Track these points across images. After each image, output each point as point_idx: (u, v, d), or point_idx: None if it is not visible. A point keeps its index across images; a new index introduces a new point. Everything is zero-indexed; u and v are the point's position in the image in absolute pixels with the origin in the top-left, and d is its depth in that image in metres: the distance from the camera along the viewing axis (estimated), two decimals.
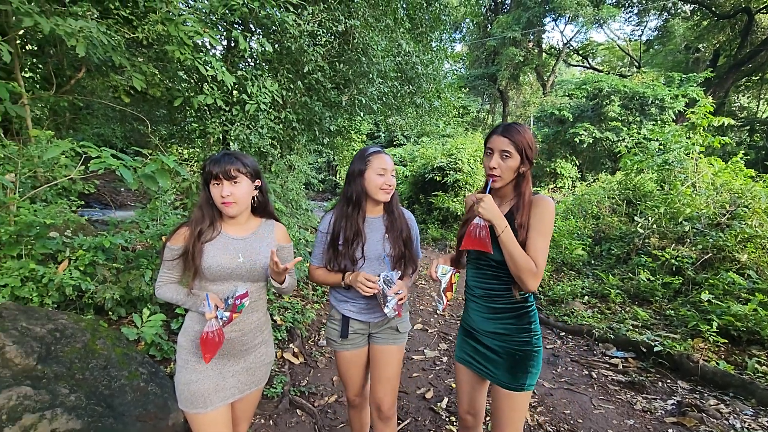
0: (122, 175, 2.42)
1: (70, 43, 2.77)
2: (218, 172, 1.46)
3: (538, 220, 1.53)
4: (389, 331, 1.91)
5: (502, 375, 1.61)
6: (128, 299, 2.94)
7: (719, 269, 4.81)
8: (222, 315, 1.43)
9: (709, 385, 3.26)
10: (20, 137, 3.25)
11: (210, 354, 1.43)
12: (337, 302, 1.92)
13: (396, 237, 1.83)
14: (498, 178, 1.57)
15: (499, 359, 1.63)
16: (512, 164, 1.55)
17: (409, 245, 1.88)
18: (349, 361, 1.92)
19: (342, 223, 1.79)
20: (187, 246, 1.50)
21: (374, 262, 1.81)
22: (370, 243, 1.81)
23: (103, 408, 1.97)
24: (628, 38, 22.95)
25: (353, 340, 1.89)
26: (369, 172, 1.76)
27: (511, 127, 1.56)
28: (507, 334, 1.62)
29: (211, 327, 1.43)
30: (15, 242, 2.55)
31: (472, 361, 1.73)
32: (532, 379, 1.61)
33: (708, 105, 6.69)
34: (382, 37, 5.38)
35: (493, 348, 1.65)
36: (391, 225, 1.84)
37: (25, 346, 1.94)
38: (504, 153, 1.54)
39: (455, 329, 4.57)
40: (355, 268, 1.79)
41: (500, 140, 1.55)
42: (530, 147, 1.56)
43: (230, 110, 4.44)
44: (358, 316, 1.87)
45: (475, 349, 1.72)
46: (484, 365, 1.68)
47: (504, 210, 1.63)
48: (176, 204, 4.00)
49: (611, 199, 8.00)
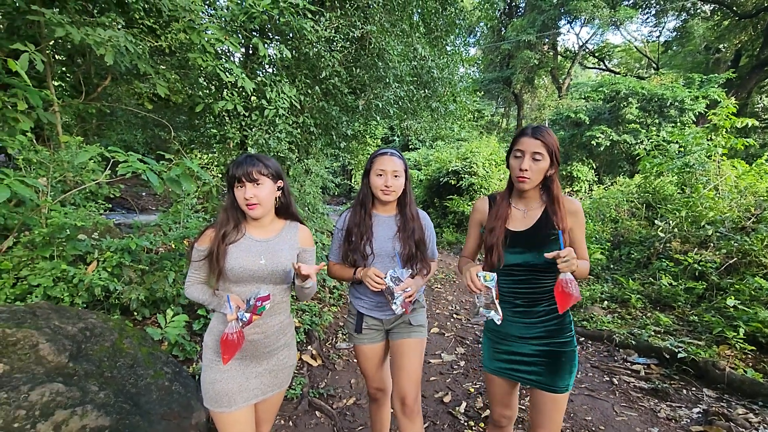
0: (149, 178, 2.49)
1: (99, 51, 2.87)
2: (241, 174, 1.50)
3: (580, 224, 1.60)
4: (403, 326, 1.95)
5: (546, 379, 1.60)
6: (152, 300, 3.01)
7: (745, 274, 4.67)
8: (242, 316, 1.44)
9: (736, 394, 3.17)
10: (51, 143, 3.37)
11: (229, 355, 1.45)
12: (353, 298, 2.01)
13: (407, 237, 1.86)
14: (528, 180, 1.56)
15: (543, 363, 1.61)
16: (543, 166, 1.55)
17: (422, 246, 1.90)
18: (365, 354, 2.01)
19: (352, 221, 1.90)
20: (212, 247, 1.53)
21: (385, 258, 1.87)
22: (380, 240, 1.87)
23: (130, 406, 2.02)
24: (646, 39, 22.58)
25: (369, 335, 1.97)
26: (372, 173, 1.84)
27: (541, 129, 1.55)
28: (550, 337, 1.61)
29: (232, 328, 1.45)
30: (47, 244, 2.65)
31: (510, 371, 1.70)
32: (573, 378, 1.61)
33: (730, 106, 6.54)
34: (397, 41, 5.41)
35: (534, 353, 1.63)
36: (404, 225, 1.88)
37: (58, 344, 2.01)
38: (536, 155, 1.53)
39: (472, 333, 4.54)
40: (366, 263, 1.86)
41: (532, 142, 1.54)
42: (558, 148, 1.56)
43: (249, 115, 4.53)
44: (370, 312, 1.95)
45: (511, 359, 1.69)
46: (525, 372, 1.65)
47: (537, 212, 1.63)
48: (197, 207, 4.08)
49: (630, 203, 7.86)
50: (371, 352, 2.00)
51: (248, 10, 3.82)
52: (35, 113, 2.95)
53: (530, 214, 1.65)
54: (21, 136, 2.80)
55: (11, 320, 2.00)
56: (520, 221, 1.66)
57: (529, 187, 1.58)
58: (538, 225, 1.62)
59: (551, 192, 1.60)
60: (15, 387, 1.72)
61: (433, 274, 2.01)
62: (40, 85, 3.22)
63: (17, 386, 1.73)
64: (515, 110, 23.93)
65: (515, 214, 1.69)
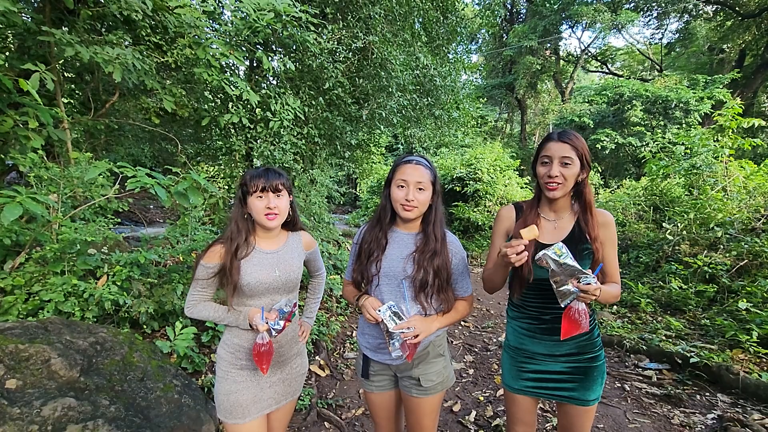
0: (156, 193, 2.52)
1: (108, 69, 2.93)
2: (266, 185, 1.50)
3: (611, 239, 1.53)
4: (411, 381, 1.61)
5: (579, 393, 1.56)
6: (161, 313, 3.04)
7: (756, 276, 4.61)
8: (276, 325, 1.47)
9: (751, 399, 3.11)
10: (61, 159, 3.44)
11: (266, 365, 1.48)
12: (359, 335, 1.73)
13: (425, 259, 1.52)
14: (559, 186, 1.46)
15: (575, 380, 1.56)
16: (574, 171, 1.46)
17: (442, 275, 1.54)
18: (374, 403, 1.74)
19: (367, 236, 1.65)
20: (224, 263, 1.52)
21: (392, 281, 1.57)
22: (390, 259, 1.58)
23: (141, 419, 2.03)
24: (648, 42, 22.52)
25: (377, 381, 1.69)
26: (393, 183, 1.56)
27: (568, 132, 1.48)
28: (581, 353, 1.56)
29: (263, 339, 1.46)
30: (58, 259, 2.69)
31: (537, 390, 1.61)
32: (602, 387, 1.59)
33: (736, 106, 6.50)
34: (400, 51, 5.46)
35: (566, 370, 1.57)
36: (424, 245, 1.56)
37: (69, 359, 2.03)
38: (565, 160, 1.44)
39: (480, 341, 4.51)
40: (371, 287, 1.61)
41: (560, 146, 1.45)
42: (588, 151, 1.49)
43: (254, 128, 4.58)
44: (373, 355, 1.65)
45: (539, 378, 1.61)
46: (554, 389, 1.59)
47: (569, 223, 1.55)
48: (205, 220, 4.12)
49: (637, 206, 7.81)
50: (381, 401, 1.72)
51: (252, 25, 3.89)
52: (46, 131, 3.01)
53: (561, 225, 1.56)
54: (32, 153, 2.86)
55: (24, 336, 2.03)
56: (551, 233, 1.56)
57: (561, 194, 1.48)
58: (570, 238, 1.52)
59: (583, 198, 1.51)
60: (28, 402, 1.74)
61: (464, 315, 1.65)
62: (50, 103, 3.29)
63: (30, 401, 1.75)
64: (519, 116, 23.93)
65: (545, 226, 1.58)
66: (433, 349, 1.62)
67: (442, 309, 1.60)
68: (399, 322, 1.45)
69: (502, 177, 10.79)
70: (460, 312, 1.63)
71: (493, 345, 4.37)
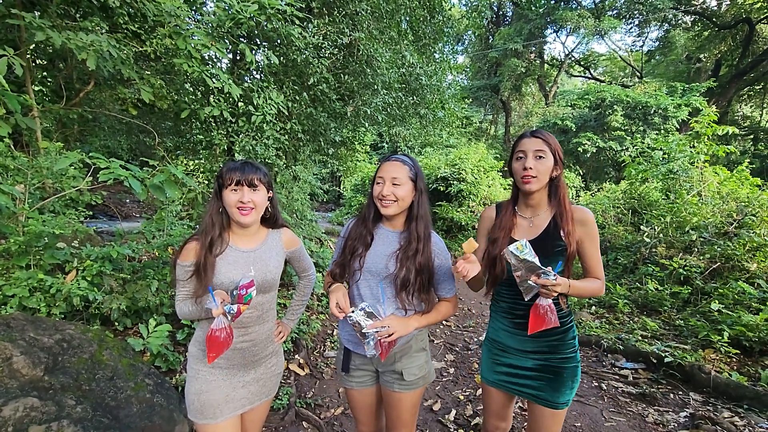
0: (131, 185, 2.43)
1: (81, 56, 2.82)
2: (241, 179, 1.46)
3: (592, 236, 1.54)
4: (393, 375, 1.62)
5: (547, 394, 1.57)
6: (134, 310, 2.94)
7: (728, 278, 4.75)
8: (230, 309, 1.36)
9: (722, 397, 3.20)
10: (29, 149, 3.29)
11: (215, 353, 1.38)
12: (340, 329, 1.73)
13: (408, 257, 1.53)
14: (534, 179, 1.51)
15: (543, 378, 1.58)
16: (548, 165, 1.51)
17: (425, 274, 1.56)
18: (355, 399, 1.73)
19: (353, 230, 1.67)
20: (198, 260, 1.46)
21: (375, 277, 1.59)
22: (374, 256, 1.60)
23: (109, 420, 1.96)
24: (630, 49, 23.05)
25: (358, 377, 1.68)
26: (375, 180, 1.60)
27: (541, 130, 1.55)
28: (551, 352, 1.58)
29: (219, 324, 1.37)
30: (24, 252, 2.57)
31: (509, 384, 1.66)
32: (573, 393, 1.59)
33: (711, 114, 6.69)
34: (386, 48, 5.43)
35: (535, 367, 1.59)
36: (407, 243, 1.57)
37: (33, 357, 1.94)
38: (538, 153, 1.50)
39: (461, 340, 4.52)
40: (352, 281, 1.63)
41: (533, 141, 1.52)
42: (560, 149, 1.54)
43: (236, 122, 4.48)
44: (355, 348, 1.64)
45: (511, 372, 1.65)
46: (524, 386, 1.62)
47: (545, 219, 1.58)
48: (182, 214, 4.01)
49: (616, 209, 7.97)
50: (361, 397, 1.71)
51: (235, 16, 3.80)
52: (13, 118, 2.87)
53: (536, 223, 1.60)
54: None
55: None
56: (526, 230, 1.61)
57: (536, 187, 1.52)
58: (544, 235, 1.56)
59: (558, 194, 1.56)
60: None
61: (446, 316, 1.65)
62: (19, 89, 3.14)
63: None
64: (503, 117, 24.18)
65: (521, 223, 1.63)
66: (416, 342, 1.64)
67: (423, 308, 1.61)
68: (373, 321, 1.45)
69: (485, 178, 10.87)
70: (442, 312, 1.63)
71: (474, 344, 4.38)
